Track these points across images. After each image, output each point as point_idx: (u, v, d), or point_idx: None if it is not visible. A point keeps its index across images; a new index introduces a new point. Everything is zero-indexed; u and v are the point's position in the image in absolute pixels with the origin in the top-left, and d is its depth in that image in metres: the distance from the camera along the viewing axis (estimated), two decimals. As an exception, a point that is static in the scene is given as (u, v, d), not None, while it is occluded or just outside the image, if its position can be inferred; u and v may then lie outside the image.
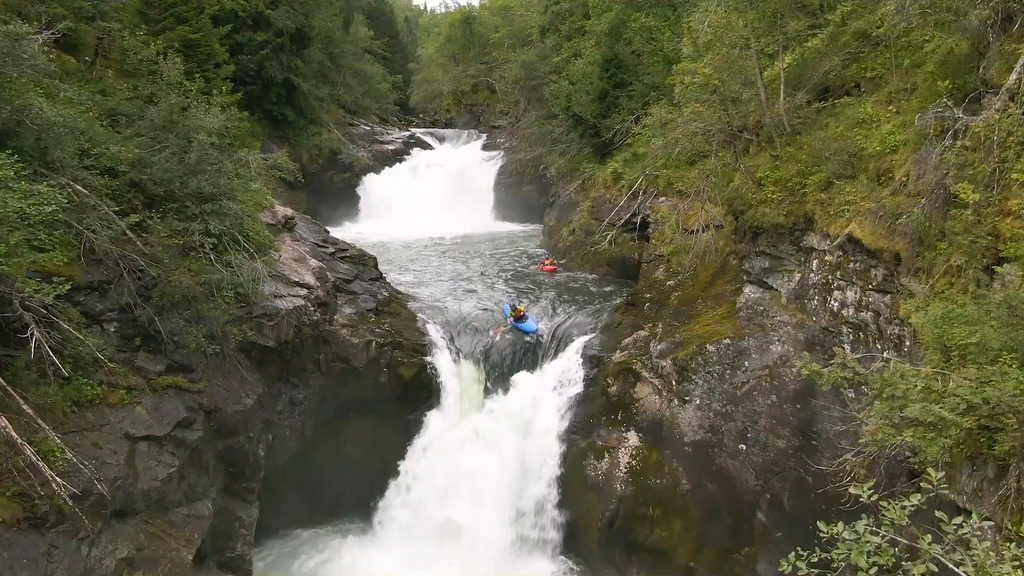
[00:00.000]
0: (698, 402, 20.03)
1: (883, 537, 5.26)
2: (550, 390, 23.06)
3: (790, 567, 5.64)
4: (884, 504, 5.47)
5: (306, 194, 42.21)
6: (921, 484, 5.38)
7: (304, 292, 20.27)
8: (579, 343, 23.75)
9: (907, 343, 15.69)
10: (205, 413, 15.80)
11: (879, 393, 8.82)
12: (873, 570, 5.17)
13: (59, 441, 11.58)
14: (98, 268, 15.30)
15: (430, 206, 45.05)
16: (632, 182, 31.11)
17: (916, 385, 8.54)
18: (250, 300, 17.86)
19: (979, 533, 5.01)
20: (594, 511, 21.08)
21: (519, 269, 32.51)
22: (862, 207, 16.61)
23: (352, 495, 22.63)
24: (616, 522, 20.55)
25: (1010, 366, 9.71)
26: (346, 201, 45.67)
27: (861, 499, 5.55)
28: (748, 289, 21.17)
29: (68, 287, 12.84)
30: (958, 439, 11.24)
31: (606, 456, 21.21)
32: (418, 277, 30.77)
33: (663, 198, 29.55)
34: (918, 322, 13.28)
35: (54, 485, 10.92)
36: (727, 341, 20.15)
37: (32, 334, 12.04)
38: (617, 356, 22.22)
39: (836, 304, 17.99)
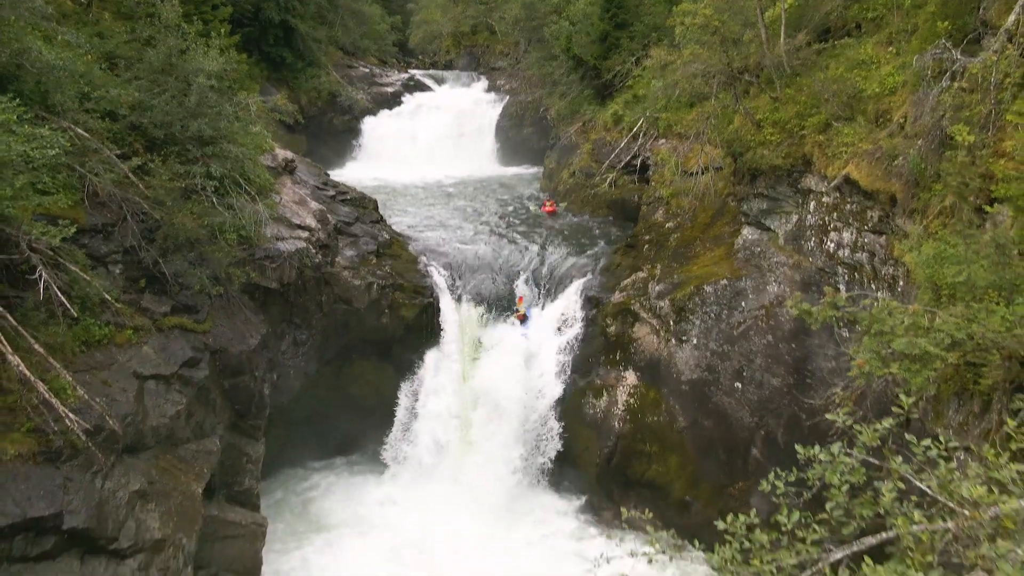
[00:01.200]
0: (695, 342, 20.36)
1: (856, 458, 5.58)
2: (550, 331, 23.40)
3: (770, 486, 5.96)
4: (858, 428, 5.77)
5: (305, 137, 42.06)
6: (893, 408, 5.66)
7: (306, 234, 20.43)
8: (578, 285, 24.00)
9: (901, 283, 15.93)
10: (211, 353, 16.09)
11: (868, 329, 9.07)
12: (845, 487, 5.51)
13: (70, 379, 11.89)
14: (102, 211, 15.45)
15: (430, 149, 44.82)
16: (632, 124, 31.01)
17: (903, 321, 8.78)
18: (252, 242, 18.04)
19: (946, 454, 5.30)
20: (593, 448, 21.59)
21: (520, 212, 32.59)
22: (860, 149, 16.71)
23: (356, 433, 23.17)
24: (614, 458, 21.07)
25: (997, 304, 9.95)
26: (345, 144, 45.43)
27: (837, 424, 5.86)
28: (746, 231, 21.35)
29: (74, 230, 13.02)
30: (945, 375, 11.56)
31: (604, 395, 21.64)
32: (418, 220, 30.86)
33: (663, 140, 29.48)
34: (911, 262, 13.51)
35: (67, 421, 11.26)
36: (724, 282, 20.40)
37: (40, 275, 12.26)
38: (616, 297, 22.50)
39: (832, 245, 18.19)
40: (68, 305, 12.50)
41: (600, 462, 21.32)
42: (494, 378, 22.66)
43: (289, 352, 20.35)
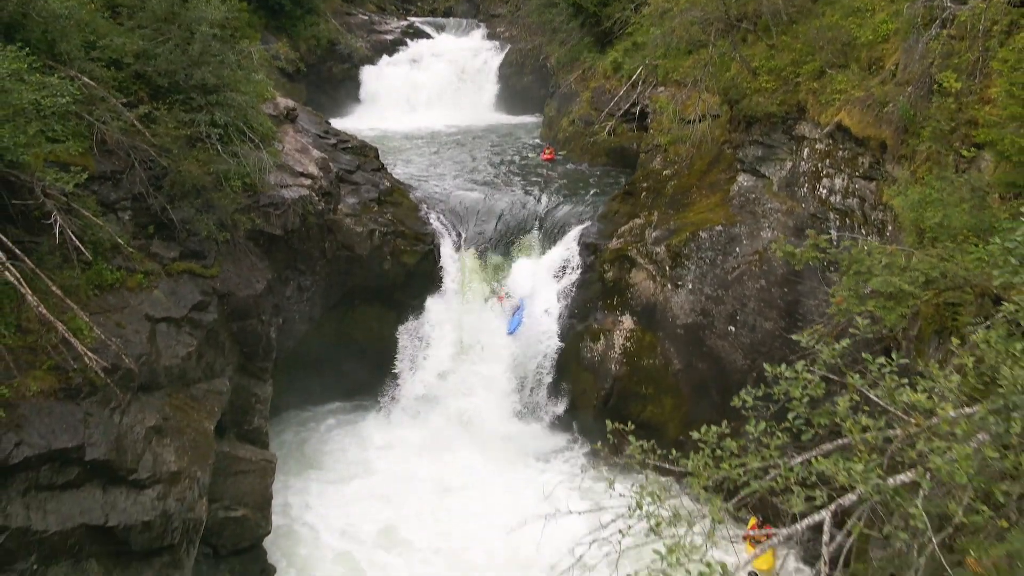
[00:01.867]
0: (690, 287, 20.85)
1: (816, 374, 6.13)
2: (549, 276, 23.89)
3: (741, 402, 6.52)
4: (819, 347, 6.31)
5: (304, 86, 42.05)
6: (850, 330, 6.18)
7: (308, 182, 20.78)
8: (577, 231, 24.42)
9: (889, 227, 16.36)
10: (219, 297, 16.58)
11: (847, 269, 9.54)
12: (806, 399, 6.06)
13: (87, 320, 12.40)
14: (110, 159, 15.79)
15: (430, 97, 44.84)
16: (631, 72, 31.07)
17: (881, 261, 9.25)
18: (257, 190, 18.40)
19: (895, 370, 5.84)
20: (590, 390, 22.25)
21: (519, 160, 32.86)
22: (852, 96, 17.01)
23: (359, 377, 23.78)
24: (611, 400, 21.72)
25: (975, 245, 10.39)
26: (345, 93, 45.38)
27: (803, 344, 6.41)
28: (741, 177, 21.70)
29: (86, 176, 13.43)
30: (926, 315, 12.07)
31: (602, 339, 22.22)
32: (419, 168, 31.14)
33: (662, 88, 29.63)
34: (898, 206, 13.93)
35: (86, 359, 11.78)
36: (719, 228, 20.82)
37: (56, 220, 12.70)
38: (614, 243, 22.94)
39: (824, 191, 18.58)
40: (83, 249, 12.95)
41: (597, 404, 21.97)
42: (494, 322, 23.23)
43: (294, 297, 20.85)
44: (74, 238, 12.86)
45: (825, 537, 5.38)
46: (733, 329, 19.97)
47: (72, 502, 11.08)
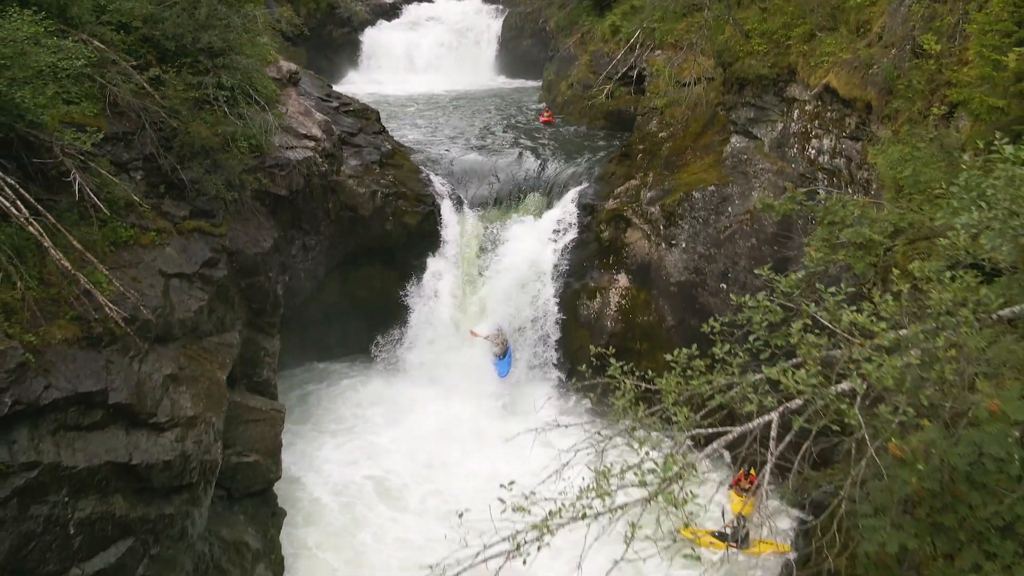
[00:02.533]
0: (684, 245, 21.50)
1: (775, 302, 6.84)
2: (547, 236, 24.52)
3: (710, 329, 7.24)
4: (777, 279, 7.02)
5: (305, 50, 42.34)
6: (803, 261, 6.85)
7: (312, 144, 21.31)
8: (574, 192, 25.01)
9: (874, 186, 16.96)
10: (228, 254, 17.20)
11: (822, 220, 10.18)
12: (765, 323, 6.78)
13: (106, 273, 13.05)
14: (121, 120, 16.33)
15: (429, 61, 45.16)
16: (629, 35, 31.42)
17: (853, 212, 9.88)
18: (263, 151, 18.95)
19: (844, 297, 6.54)
20: (587, 346, 22.83)
21: (518, 123, 33.33)
22: (840, 58, 17.52)
23: (362, 335, 24.55)
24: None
25: (948, 201, 11.00)
26: (345, 57, 45.69)
27: (763, 277, 7.13)
28: (734, 139, 22.25)
29: (102, 136, 14.01)
30: (899, 263, 12.72)
31: (598, 296, 22.92)
32: (419, 131, 31.64)
33: (659, 51, 30.03)
34: (880, 164, 14.51)
35: (107, 310, 12.45)
36: (712, 188, 21.42)
37: (75, 178, 13.31)
38: (610, 204, 23.56)
39: (813, 151, 19.15)
40: (101, 206, 13.57)
41: (594, 360, 22.65)
42: (493, 281, 23.90)
43: (299, 256, 21.50)
44: (92, 195, 13.46)
45: (773, 432, 6.13)
46: (725, 286, 20.64)
47: (98, 442, 11.81)
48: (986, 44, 11.37)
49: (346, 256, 23.81)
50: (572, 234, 24.25)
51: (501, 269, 24.24)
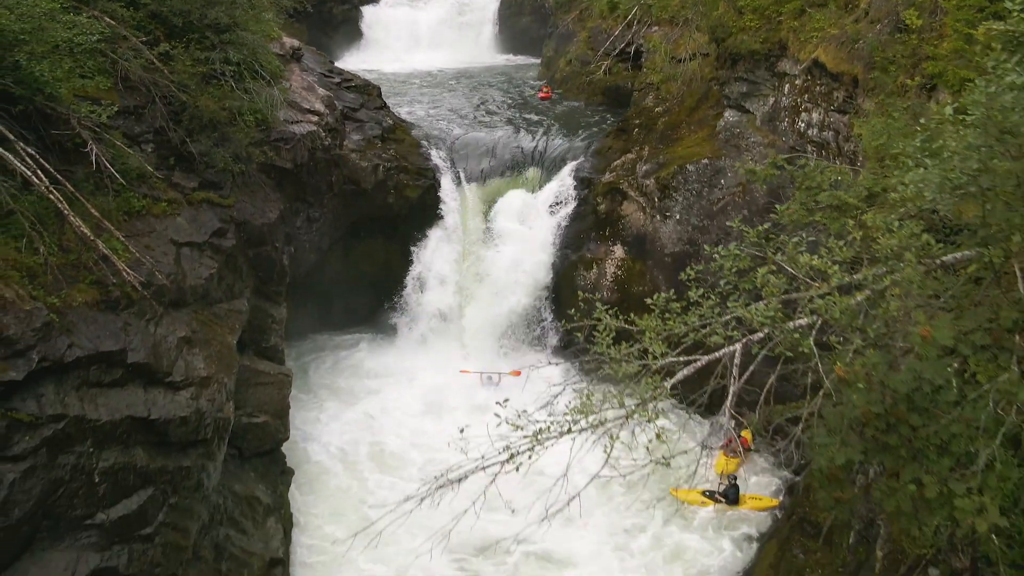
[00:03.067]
0: (678, 217, 22.11)
1: (744, 252, 7.52)
2: (545, 209, 25.13)
3: (687, 276, 7.92)
4: (746, 229, 7.70)
5: (306, 27, 42.71)
6: (770, 215, 7.49)
7: (315, 118, 21.88)
8: (572, 166, 25.59)
9: (860, 158, 17.54)
10: (236, 224, 17.82)
11: (800, 185, 10.80)
12: (735, 269, 7.46)
13: (123, 240, 13.69)
14: (132, 94, 16.89)
15: (430, 38, 45.52)
16: (627, 12, 31.86)
17: (830, 178, 10.49)
18: (268, 125, 19.50)
19: (804, 245, 7.21)
20: (583, 316, 23.57)
21: (517, 99, 33.81)
22: (828, 33, 18.06)
23: (365, 306, 25.25)
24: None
25: (905, 160, 11.59)
26: (346, 34, 46.04)
27: (735, 229, 7.80)
28: (727, 113, 22.80)
29: (116, 109, 14.60)
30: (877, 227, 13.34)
31: (594, 267, 23.57)
32: (420, 107, 32.12)
33: (656, 28, 30.47)
34: (863, 135, 15.10)
35: (124, 274, 13.11)
36: (705, 161, 22.01)
37: (91, 149, 13.91)
38: (606, 177, 24.14)
39: (803, 125, 19.71)
40: (116, 175, 14.19)
41: (590, 329, 23.30)
42: (492, 252, 24.54)
43: (303, 228, 22.13)
44: (109, 165, 14.07)
45: (736, 360, 6.80)
46: (717, 257, 21.21)
47: (119, 398, 12.51)
48: (960, 19, 11.93)
49: (349, 228, 24.43)
50: (569, 207, 24.85)
51: (499, 241, 24.85)
